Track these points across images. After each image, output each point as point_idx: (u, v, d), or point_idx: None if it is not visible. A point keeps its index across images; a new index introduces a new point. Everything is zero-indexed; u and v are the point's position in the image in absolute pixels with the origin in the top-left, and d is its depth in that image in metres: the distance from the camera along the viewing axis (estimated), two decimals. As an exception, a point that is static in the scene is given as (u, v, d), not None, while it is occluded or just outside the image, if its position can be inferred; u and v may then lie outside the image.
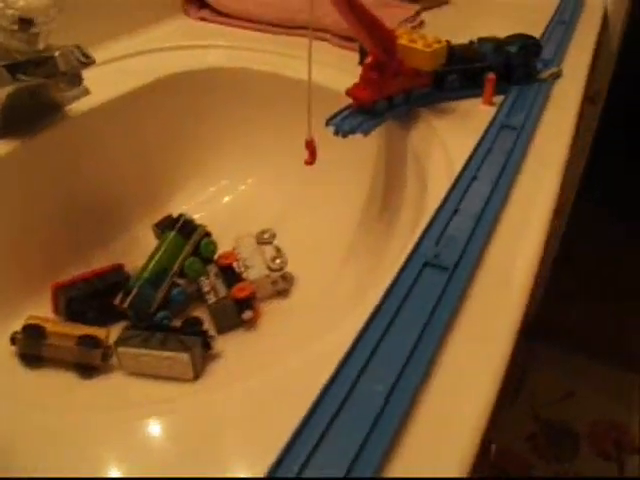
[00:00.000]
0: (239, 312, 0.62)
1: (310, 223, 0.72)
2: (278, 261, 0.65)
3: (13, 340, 0.56)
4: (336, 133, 0.58)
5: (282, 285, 0.65)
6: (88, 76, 0.63)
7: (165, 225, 0.66)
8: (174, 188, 0.76)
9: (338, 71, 0.71)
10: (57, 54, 0.58)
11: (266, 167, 0.78)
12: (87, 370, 0.56)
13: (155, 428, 0.36)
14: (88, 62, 0.60)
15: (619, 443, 1.16)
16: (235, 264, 0.66)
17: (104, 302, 0.61)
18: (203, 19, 0.86)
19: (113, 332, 0.58)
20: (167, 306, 0.63)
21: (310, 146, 0.58)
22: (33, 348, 0.55)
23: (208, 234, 0.67)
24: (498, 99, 0.67)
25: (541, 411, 1.19)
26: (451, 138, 0.60)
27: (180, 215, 0.66)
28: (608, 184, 1.70)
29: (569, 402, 1.22)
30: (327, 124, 0.59)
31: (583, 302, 1.46)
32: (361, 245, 0.67)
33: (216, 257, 0.67)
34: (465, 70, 0.66)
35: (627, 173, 1.78)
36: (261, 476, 0.30)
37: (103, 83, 0.70)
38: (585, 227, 1.43)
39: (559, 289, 1.30)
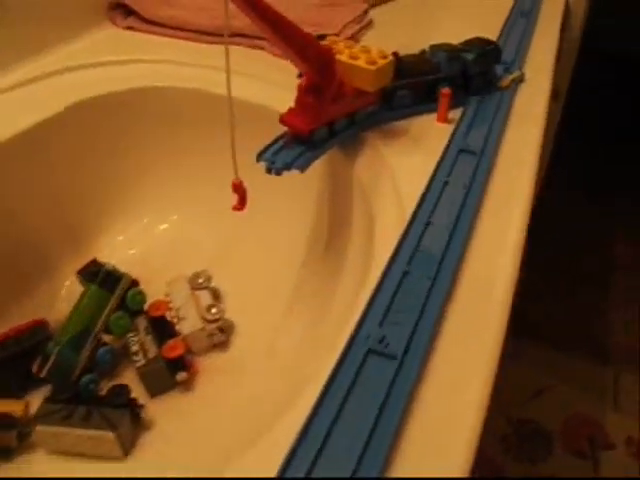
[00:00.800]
0: (172, 374, 0.51)
1: (249, 263, 0.61)
2: (214, 310, 0.54)
3: None
4: (268, 171, 0.46)
5: (219, 338, 0.54)
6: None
7: (88, 273, 0.55)
8: (99, 228, 0.64)
9: (277, 87, 0.59)
10: None
11: (198, 201, 0.66)
12: (2, 453, 0.47)
13: None
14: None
15: (593, 439, 1.08)
16: (167, 314, 0.55)
17: (23, 367, 0.51)
18: (130, 28, 0.72)
19: (34, 401, 0.49)
20: (93, 368, 0.52)
21: (239, 189, 0.46)
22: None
23: (135, 283, 0.56)
24: (456, 113, 0.56)
25: (512, 411, 1.11)
26: (402, 167, 0.49)
27: (102, 265, 0.55)
28: (569, 186, 1.60)
29: (540, 399, 1.13)
30: (258, 160, 0.47)
31: (550, 296, 1.36)
32: (306, 287, 0.56)
33: (146, 307, 0.56)
34: (417, 84, 0.55)
35: (586, 174, 1.70)
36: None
37: (3, 117, 0.58)
38: (549, 223, 1.35)
39: (524, 283, 1.20)
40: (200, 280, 0.57)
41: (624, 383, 1.18)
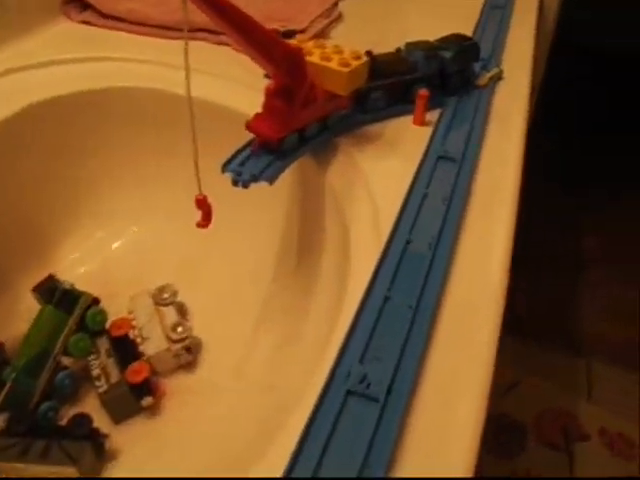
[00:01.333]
0: (137, 399, 0.47)
1: (216, 276, 0.56)
2: (180, 329, 0.50)
3: None
4: (235, 183, 0.42)
5: (186, 358, 0.50)
6: None
7: (44, 290, 0.51)
8: (59, 239, 0.58)
9: (244, 86, 0.54)
10: None
11: (162, 209, 0.60)
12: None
13: None
14: None
15: (566, 432, 1.06)
16: (131, 332, 0.50)
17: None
18: (86, 22, 0.66)
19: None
20: (52, 393, 0.48)
21: (203, 205, 0.42)
22: None
23: (96, 301, 0.51)
24: (433, 115, 0.52)
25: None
26: (377, 175, 0.45)
27: (58, 281, 0.50)
28: (545, 179, 1.57)
29: (514, 393, 1.11)
30: (223, 171, 0.42)
31: (522, 289, 1.33)
32: (276, 302, 0.52)
33: (108, 325, 0.51)
34: (392, 85, 0.50)
35: (562, 166, 1.67)
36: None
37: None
38: (525, 215, 1.32)
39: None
40: (165, 295, 0.52)
41: (597, 374, 1.17)
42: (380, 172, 0.45)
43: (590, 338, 1.25)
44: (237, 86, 0.55)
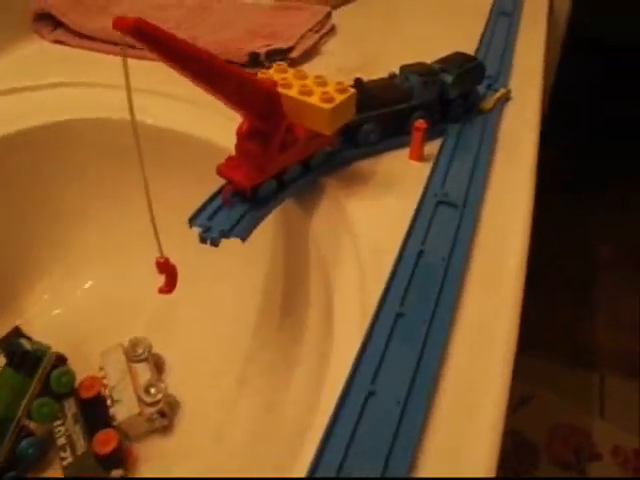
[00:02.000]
0: (106, 471, 0.41)
1: (194, 328, 0.50)
2: (153, 391, 0.44)
3: None
4: (202, 240, 0.35)
5: (161, 422, 0.44)
6: None
7: (7, 346, 0.45)
8: (24, 284, 0.52)
9: (222, 116, 0.47)
10: None
11: (134, 254, 0.52)
12: None
13: None
14: None
15: (579, 450, 0.99)
16: (102, 391, 0.44)
17: None
18: (59, 42, 0.59)
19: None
20: (14, 463, 0.42)
21: (165, 268, 0.35)
22: None
23: (61, 360, 0.45)
24: (432, 147, 0.44)
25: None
26: (367, 226, 0.38)
27: (20, 339, 0.44)
28: (549, 184, 1.48)
29: (525, 409, 1.04)
30: (190, 225, 0.36)
31: (528, 301, 1.24)
32: (255, 364, 0.45)
33: (77, 385, 0.45)
34: (386, 115, 0.43)
35: (565, 172, 1.58)
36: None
37: None
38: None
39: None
40: (139, 350, 0.46)
41: (610, 388, 1.09)
42: (370, 221, 0.38)
43: (601, 350, 1.17)
44: (213, 115, 0.48)
